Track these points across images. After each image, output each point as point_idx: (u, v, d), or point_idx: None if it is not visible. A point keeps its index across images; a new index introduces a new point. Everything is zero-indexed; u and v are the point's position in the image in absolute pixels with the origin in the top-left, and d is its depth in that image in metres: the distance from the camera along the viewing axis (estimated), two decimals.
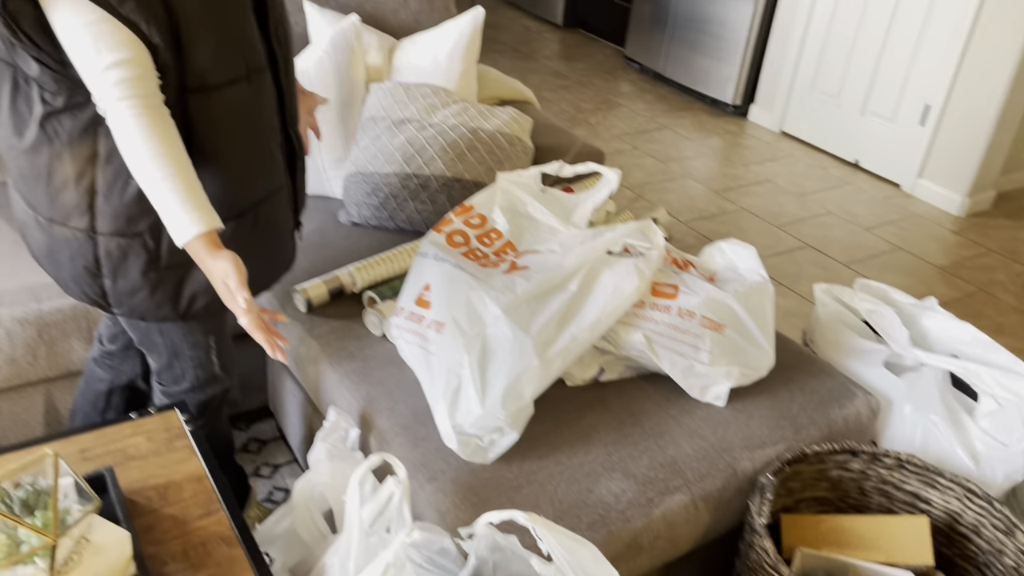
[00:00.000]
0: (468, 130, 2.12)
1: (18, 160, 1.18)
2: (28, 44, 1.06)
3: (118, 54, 1.04)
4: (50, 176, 1.15)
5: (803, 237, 3.37)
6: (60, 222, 1.18)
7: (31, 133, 1.14)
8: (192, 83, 1.13)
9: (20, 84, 1.13)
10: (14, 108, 1.14)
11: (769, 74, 4.36)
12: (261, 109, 1.23)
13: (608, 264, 1.57)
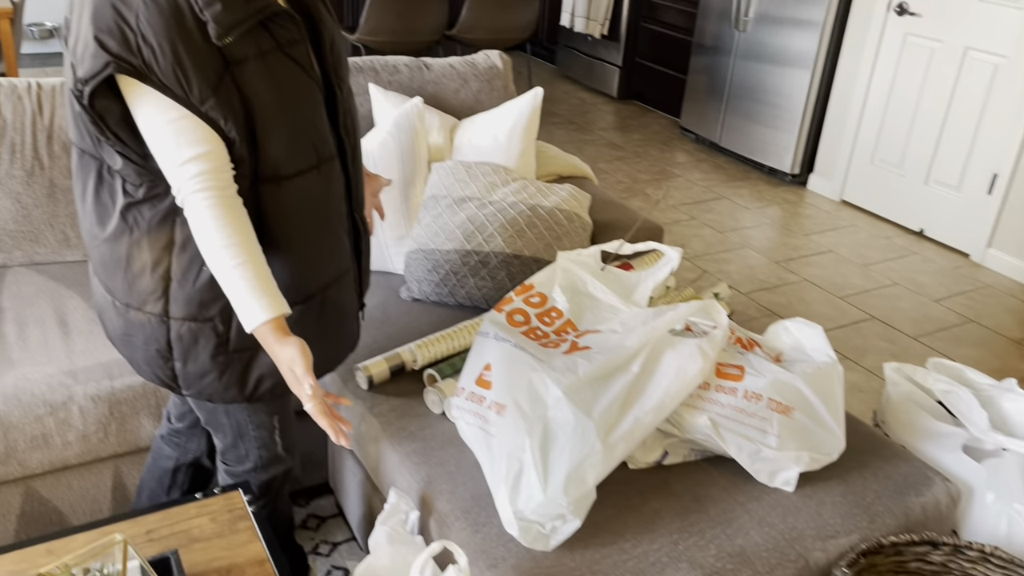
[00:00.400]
0: (527, 207, 2.14)
1: (100, 248, 1.23)
2: (114, 140, 1.11)
3: (197, 149, 1.08)
4: (128, 263, 1.20)
5: (869, 309, 3.29)
6: (136, 307, 1.22)
7: (113, 223, 1.19)
8: (265, 173, 1.16)
9: (104, 176, 1.18)
10: (98, 199, 1.19)
11: (828, 143, 4.33)
12: (330, 197, 1.26)
13: (671, 344, 1.55)
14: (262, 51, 1.12)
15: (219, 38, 1.06)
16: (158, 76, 1.05)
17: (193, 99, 1.07)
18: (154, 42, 1.04)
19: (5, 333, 1.81)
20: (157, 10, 1.04)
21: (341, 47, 1.29)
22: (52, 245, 2.10)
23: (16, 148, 2.03)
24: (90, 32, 1.05)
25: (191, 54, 1.05)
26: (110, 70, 1.04)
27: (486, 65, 2.69)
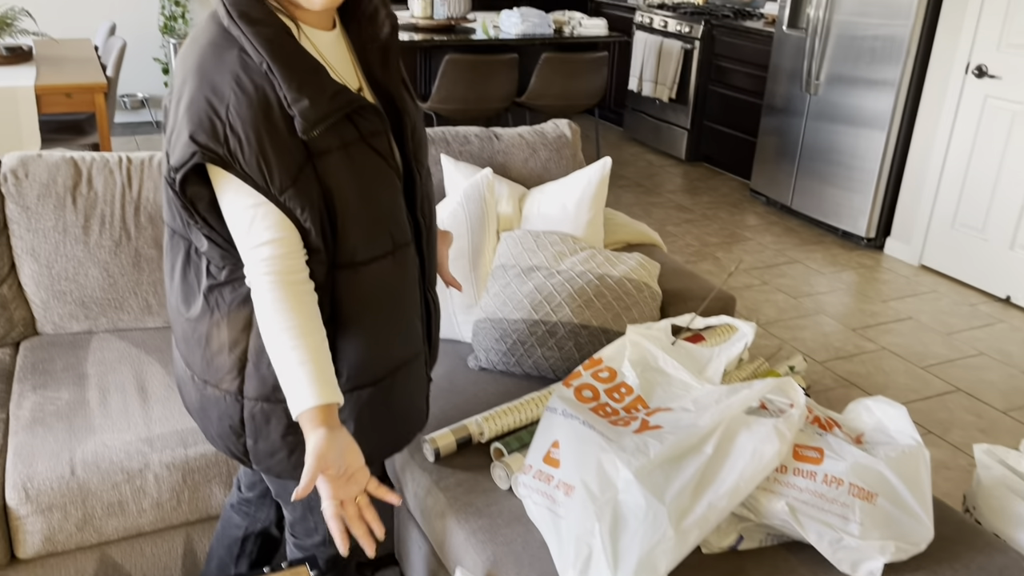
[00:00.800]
0: (595, 277, 2.13)
1: (183, 324, 1.26)
2: (202, 224, 1.16)
3: (270, 234, 1.11)
4: (208, 342, 1.23)
5: (953, 380, 3.15)
6: (212, 384, 1.24)
7: (196, 302, 1.22)
8: (342, 260, 1.18)
9: (192, 257, 1.22)
10: (185, 278, 1.23)
11: (906, 206, 4.22)
12: (403, 282, 1.27)
13: (746, 424, 1.50)
14: (345, 143, 1.14)
15: (304, 132, 1.09)
16: (241, 165, 1.08)
17: (273, 189, 1.09)
18: (241, 132, 1.07)
19: (88, 399, 1.87)
20: (247, 102, 1.08)
21: (423, 133, 1.32)
22: (135, 312, 2.18)
23: (106, 219, 2.12)
24: (183, 122, 1.09)
25: (275, 146, 1.08)
26: (196, 159, 1.08)
27: (555, 134, 2.72)
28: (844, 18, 4.24)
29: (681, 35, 5.49)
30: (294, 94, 1.08)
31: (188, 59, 1.14)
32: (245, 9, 1.10)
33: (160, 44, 5.93)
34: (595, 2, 6.64)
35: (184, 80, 1.12)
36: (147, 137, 5.76)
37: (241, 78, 1.08)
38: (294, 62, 1.10)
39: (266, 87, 1.09)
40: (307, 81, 1.10)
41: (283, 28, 1.12)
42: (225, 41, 1.11)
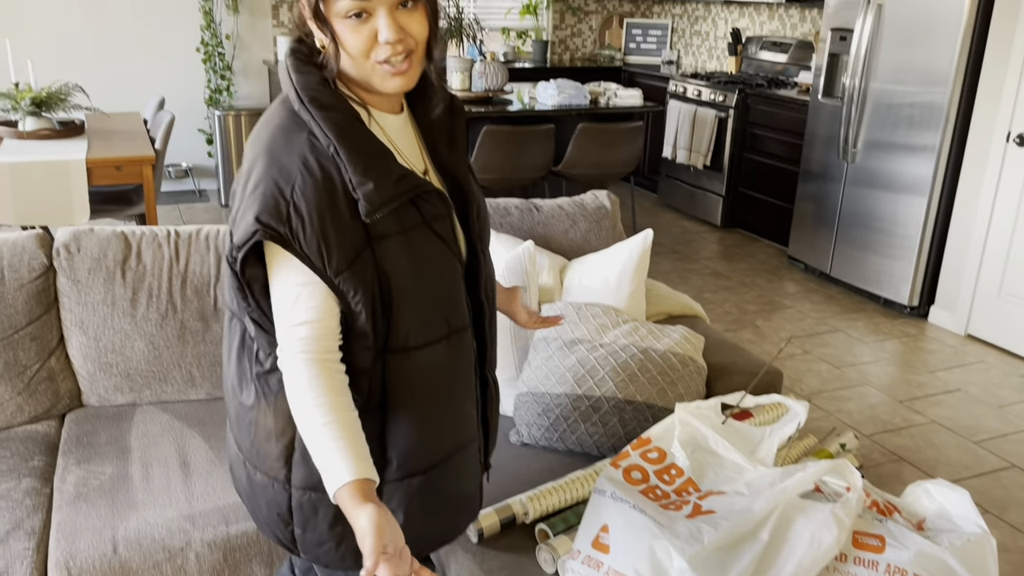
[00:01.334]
0: (639, 350, 2.11)
1: (236, 408, 1.26)
2: (254, 308, 1.16)
3: (310, 315, 1.11)
4: (257, 428, 1.22)
5: (1007, 456, 3.04)
6: (262, 470, 1.23)
7: (248, 387, 1.22)
8: (394, 344, 1.18)
9: (246, 341, 1.22)
10: (240, 362, 1.23)
11: (950, 273, 4.15)
12: (456, 368, 1.26)
13: (802, 510, 1.45)
14: (405, 227, 1.15)
15: (368, 215, 1.10)
16: (301, 245, 1.09)
17: (329, 271, 1.09)
18: (304, 212, 1.08)
19: (131, 474, 1.87)
20: (313, 183, 1.09)
21: (487, 215, 1.33)
22: (179, 384, 2.19)
23: (153, 292, 2.15)
24: (250, 202, 1.11)
25: (337, 228, 1.09)
26: (258, 236, 1.09)
27: (594, 205, 2.72)
28: (880, 86, 4.25)
29: (715, 104, 5.54)
30: (359, 177, 1.10)
31: (258, 141, 1.16)
32: (316, 94, 1.13)
33: (205, 115, 6.11)
34: (628, 73, 6.75)
35: (254, 161, 1.14)
36: (189, 206, 5.89)
37: (308, 160, 1.10)
38: (361, 146, 1.12)
39: (332, 170, 1.10)
40: (373, 165, 1.11)
41: (352, 113, 1.14)
42: (295, 125, 1.13)
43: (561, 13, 7.09)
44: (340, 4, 1.09)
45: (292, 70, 1.16)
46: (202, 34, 5.89)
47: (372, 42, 1.11)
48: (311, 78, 1.14)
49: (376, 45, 1.11)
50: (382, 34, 1.10)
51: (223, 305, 1.29)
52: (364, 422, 1.17)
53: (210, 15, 5.84)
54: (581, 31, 7.24)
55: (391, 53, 1.11)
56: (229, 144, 5.78)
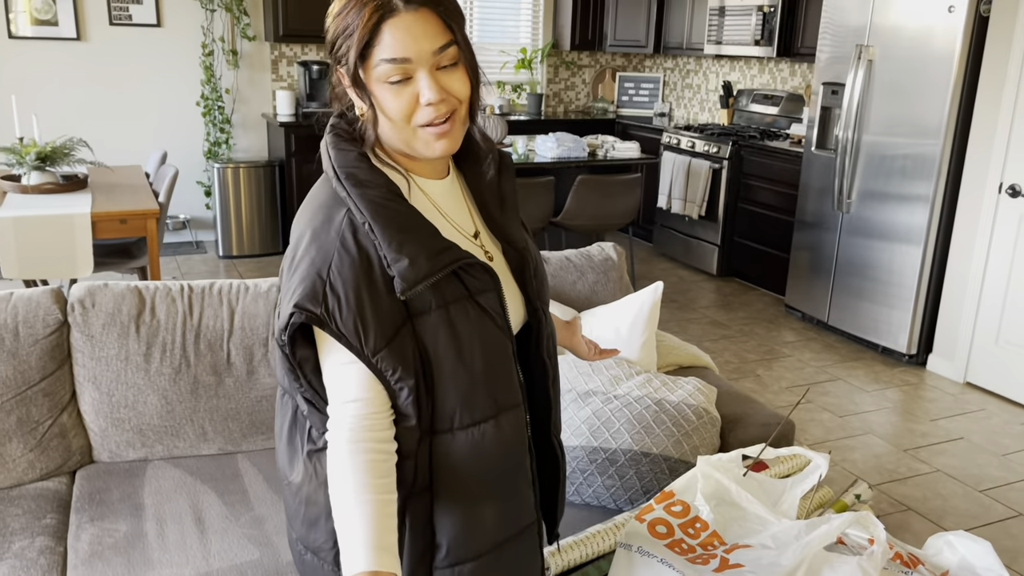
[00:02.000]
0: (653, 402, 2.12)
1: (287, 486, 1.24)
2: (306, 387, 1.14)
3: (357, 392, 1.09)
4: (307, 507, 1.19)
5: (1014, 505, 3.04)
6: (312, 550, 1.21)
7: (299, 465, 1.19)
8: (438, 425, 1.15)
9: (298, 418, 1.20)
10: (291, 439, 1.21)
11: (947, 322, 4.20)
12: (506, 447, 1.20)
13: (828, 563, 1.45)
14: (447, 301, 1.11)
15: (402, 293, 1.07)
16: (337, 325, 1.06)
17: (367, 350, 1.07)
18: (341, 292, 1.06)
19: (146, 532, 1.84)
20: (349, 262, 1.07)
21: (544, 272, 1.29)
22: (191, 439, 2.18)
23: (167, 347, 2.15)
24: (291, 286, 1.09)
25: (374, 307, 1.07)
26: (295, 319, 1.07)
27: (601, 257, 2.76)
28: (873, 138, 4.34)
29: (709, 155, 5.64)
30: (394, 254, 1.07)
31: (303, 218, 1.15)
32: (353, 171, 1.11)
33: (204, 168, 6.17)
34: (622, 125, 6.87)
35: (299, 239, 1.13)
36: (187, 257, 5.90)
37: (347, 238, 1.08)
38: (397, 221, 1.09)
39: (370, 247, 1.08)
40: (408, 240, 1.08)
41: (391, 187, 1.12)
42: (335, 202, 1.12)
43: (555, 67, 7.24)
44: (380, 69, 1.08)
45: (331, 147, 1.15)
46: (202, 88, 5.97)
47: (414, 105, 1.10)
48: (349, 155, 1.13)
49: (418, 108, 1.10)
50: (424, 95, 1.09)
51: (277, 381, 1.27)
52: (412, 506, 1.15)
53: (210, 70, 5.93)
54: (575, 84, 7.38)
55: (434, 115, 1.10)
56: (228, 196, 5.82)
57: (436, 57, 1.09)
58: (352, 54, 1.09)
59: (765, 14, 5.49)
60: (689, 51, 6.43)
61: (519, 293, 1.25)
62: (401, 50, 1.07)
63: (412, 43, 1.07)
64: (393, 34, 1.07)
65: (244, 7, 5.93)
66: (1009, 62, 3.77)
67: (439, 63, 1.09)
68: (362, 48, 1.08)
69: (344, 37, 1.10)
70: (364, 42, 1.07)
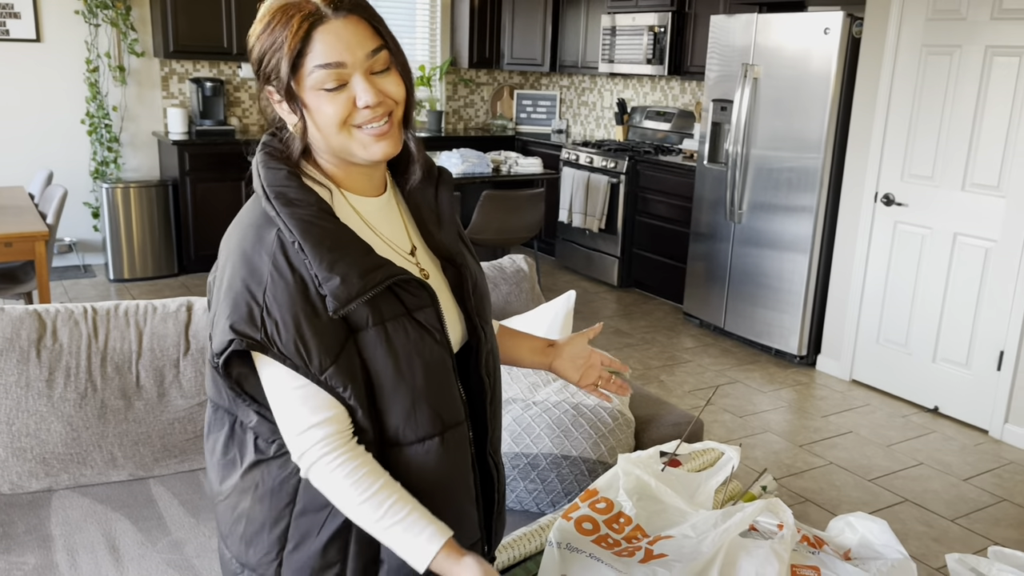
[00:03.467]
0: (571, 406, 2.18)
1: (221, 504, 1.21)
2: (250, 401, 1.13)
3: (321, 415, 1.08)
4: (248, 520, 1.17)
5: (900, 491, 3.27)
6: (250, 568, 1.19)
7: (238, 479, 1.17)
8: (388, 439, 1.15)
9: (236, 431, 1.18)
10: (226, 454, 1.19)
11: (833, 324, 4.46)
12: (452, 467, 1.20)
13: (745, 548, 1.53)
14: (384, 318, 1.10)
15: (335, 312, 1.07)
16: (279, 348, 1.06)
17: (313, 369, 1.07)
18: (278, 316, 1.06)
19: (57, 563, 1.77)
20: (283, 285, 1.06)
21: (484, 287, 1.29)
22: (99, 466, 2.10)
23: (71, 372, 2.07)
24: (223, 306, 1.08)
25: (313, 328, 1.06)
26: (234, 346, 1.06)
27: (513, 269, 2.81)
28: (760, 152, 4.59)
29: (607, 170, 5.82)
30: (325, 273, 1.06)
31: (231, 239, 1.13)
32: (282, 189, 1.10)
33: (91, 189, 5.91)
34: (521, 141, 6.99)
35: (226, 260, 1.11)
36: (75, 282, 5.64)
37: (278, 260, 1.07)
38: (327, 240, 1.08)
39: (302, 268, 1.07)
40: (339, 259, 1.07)
41: (321, 205, 1.10)
42: (265, 222, 1.10)
43: (454, 84, 7.31)
44: (314, 76, 1.07)
45: (261, 165, 1.13)
46: (88, 106, 5.74)
47: (350, 109, 1.09)
48: (279, 173, 1.11)
49: (355, 111, 1.10)
50: (361, 98, 1.08)
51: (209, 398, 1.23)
52: None
53: (96, 86, 5.71)
54: (474, 101, 7.47)
55: (371, 117, 1.09)
56: (117, 217, 5.60)
57: (369, 61, 1.09)
58: (284, 65, 1.08)
59: (656, 34, 5.73)
60: (584, 69, 6.62)
61: (458, 309, 1.24)
62: (335, 55, 1.07)
63: (345, 48, 1.07)
64: (325, 40, 1.07)
65: (131, 22, 5.75)
66: (880, 80, 4.08)
67: (372, 67, 1.10)
68: (294, 58, 1.07)
69: (273, 51, 1.08)
70: (296, 51, 1.07)
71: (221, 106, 5.99)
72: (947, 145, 3.84)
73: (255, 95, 1.25)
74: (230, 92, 6.26)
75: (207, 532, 1.93)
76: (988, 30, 3.63)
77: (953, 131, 3.81)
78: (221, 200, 5.75)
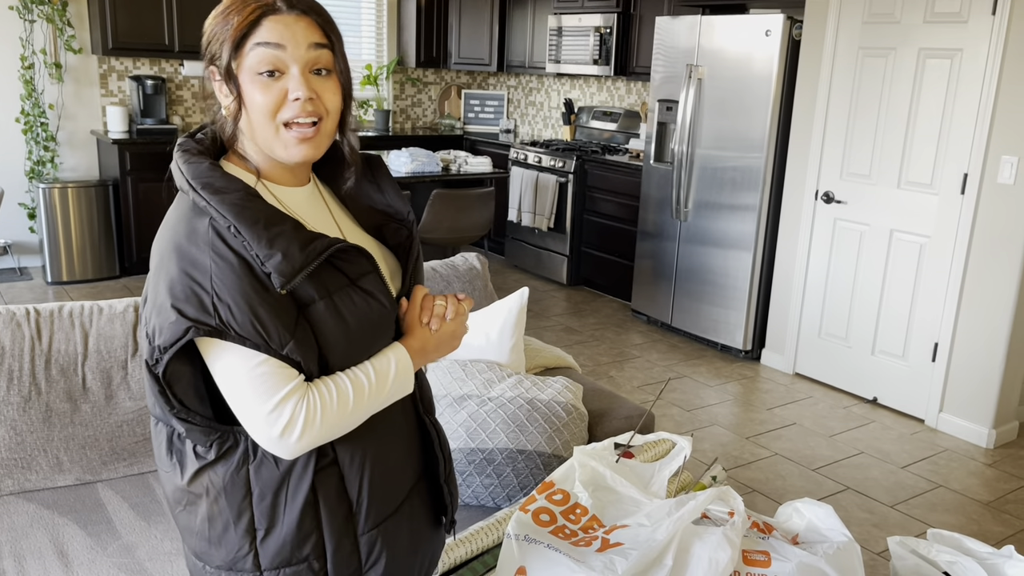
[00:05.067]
0: (526, 401, 2.20)
1: (181, 516, 1.20)
2: (179, 408, 1.12)
3: (284, 389, 1.09)
4: (211, 525, 1.17)
5: (842, 480, 3.37)
6: (227, 568, 1.18)
7: (188, 488, 1.17)
8: None
9: (175, 442, 1.17)
10: (172, 467, 1.18)
11: (776, 319, 4.58)
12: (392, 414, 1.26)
13: (698, 535, 1.58)
14: (329, 291, 1.14)
15: (282, 287, 1.08)
16: (236, 331, 1.07)
17: (274, 345, 1.08)
18: (229, 300, 1.06)
19: (4, 570, 1.72)
20: (228, 268, 1.07)
21: (419, 247, 1.34)
22: (44, 471, 2.05)
23: (14, 375, 2.02)
24: (167, 302, 1.07)
25: (265, 305, 1.08)
26: (190, 335, 1.06)
27: (466, 267, 2.83)
28: (705, 152, 4.68)
29: (555, 170, 5.86)
30: (265, 251, 1.08)
31: (163, 239, 1.13)
32: (207, 180, 1.11)
33: (27, 189, 5.74)
34: (470, 141, 7.00)
35: (161, 260, 1.11)
36: (10, 285, 5.46)
37: (217, 246, 1.08)
38: (262, 219, 1.10)
39: (242, 250, 1.09)
40: (277, 235, 1.09)
41: (248, 190, 1.12)
42: (195, 214, 1.11)
43: (401, 83, 7.28)
44: (253, 55, 1.11)
45: (182, 162, 1.14)
46: (22, 103, 5.56)
47: (281, 100, 1.12)
48: (201, 166, 1.13)
49: (285, 103, 1.12)
50: (293, 91, 1.11)
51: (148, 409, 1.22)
52: (322, 481, 1.16)
53: (31, 84, 5.54)
54: (421, 101, 7.45)
55: (299, 112, 1.12)
56: (55, 218, 5.44)
57: (310, 55, 1.13)
58: (228, 45, 1.12)
59: (602, 35, 5.80)
60: (531, 69, 6.66)
61: (399, 270, 1.30)
62: (277, 36, 1.11)
63: (289, 35, 1.12)
64: (272, 26, 1.12)
65: (68, 18, 5.59)
66: (819, 81, 4.20)
67: (313, 64, 1.14)
68: (239, 38, 1.11)
69: (221, 31, 1.13)
70: (243, 33, 1.11)
71: (163, 104, 5.86)
72: (883, 144, 3.97)
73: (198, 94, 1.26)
74: (172, 90, 6.13)
75: (159, 535, 1.90)
76: (921, 33, 3.77)
77: (889, 131, 3.94)
78: (164, 200, 5.63)
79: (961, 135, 3.67)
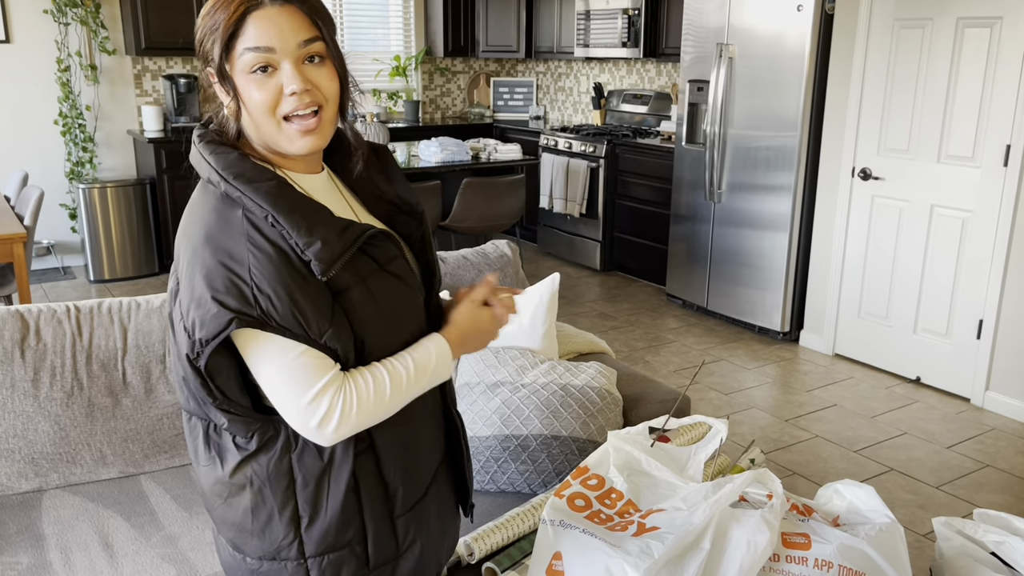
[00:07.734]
0: (559, 387, 2.19)
1: (220, 508, 1.21)
2: (220, 399, 1.12)
3: (328, 373, 1.10)
4: (255, 516, 1.18)
5: (885, 461, 3.31)
6: (269, 558, 1.19)
7: (229, 480, 1.18)
8: None
9: (212, 436, 1.18)
10: (210, 462, 1.19)
11: (814, 300, 4.50)
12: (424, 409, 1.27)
13: (735, 518, 1.56)
14: (362, 277, 1.15)
15: (323, 274, 1.09)
16: (277, 321, 1.07)
17: (313, 335, 1.09)
18: (269, 290, 1.07)
19: (50, 561, 1.76)
20: (266, 259, 1.07)
21: (431, 235, 1.35)
22: (88, 465, 2.09)
23: (56, 371, 2.06)
24: (207, 294, 1.07)
25: (304, 294, 1.08)
26: (233, 327, 1.06)
27: (497, 254, 2.82)
28: (738, 132, 4.61)
29: (586, 155, 5.82)
30: (305, 239, 1.09)
31: (192, 232, 1.13)
32: (240, 170, 1.11)
33: (67, 190, 5.85)
34: (499, 128, 6.98)
35: (194, 253, 1.11)
36: (54, 284, 5.59)
37: (253, 237, 1.08)
38: (297, 208, 1.10)
39: (279, 239, 1.09)
40: (315, 223, 1.10)
41: (280, 180, 1.12)
42: (227, 205, 1.11)
43: (430, 73, 7.28)
44: (243, 59, 1.10)
45: (208, 153, 1.14)
46: (60, 106, 5.67)
47: (277, 96, 1.12)
48: (230, 156, 1.13)
49: (282, 99, 1.12)
50: (287, 85, 1.11)
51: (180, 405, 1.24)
52: (360, 466, 1.17)
53: (68, 86, 5.64)
54: (450, 90, 7.45)
55: (297, 105, 1.12)
56: (95, 218, 5.54)
57: (302, 50, 1.12)
58: (217, 47, 1.11)
59: (630, 17, 5.73)
60: (559, 55, 6.62)
61: (414, 260, 1.31)
62: (265, 39, 1.10)
63: (276, 33, 1.11)
64: (257, 24, 1.10)
65: (101, 20, 5.68)
66: (854, 55, 4.10)
67: (305, 56, 1.13)
68: (227, 40, 1.11)
69: (210, 32, 1.12)
70: (229, 33, 1.10)
71: (196, 102, 5.93)
72: (921, 118, 3.88)
73: None
74: (204, 88, 6.20)
75: (200, 525, 1.93)
76: (958, 2, 3.67)
77: (927, 104, 3.84)
78: None
79: (1003, 105, 3.56)
